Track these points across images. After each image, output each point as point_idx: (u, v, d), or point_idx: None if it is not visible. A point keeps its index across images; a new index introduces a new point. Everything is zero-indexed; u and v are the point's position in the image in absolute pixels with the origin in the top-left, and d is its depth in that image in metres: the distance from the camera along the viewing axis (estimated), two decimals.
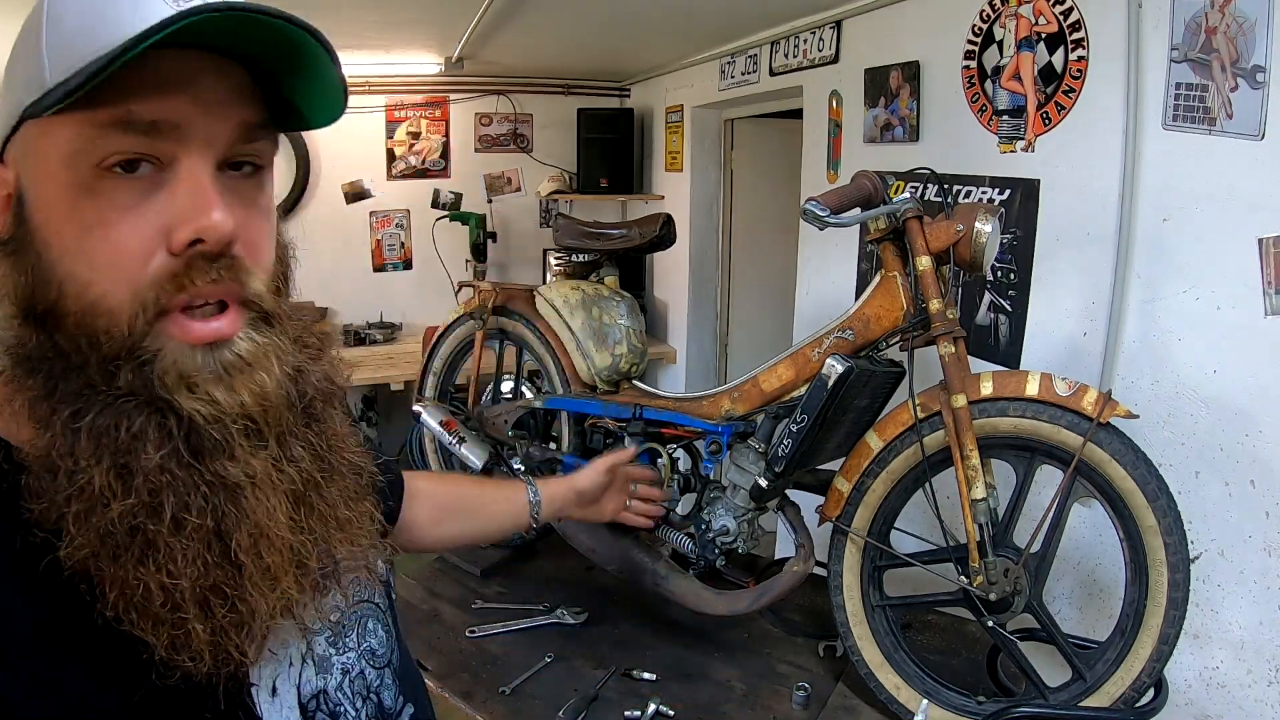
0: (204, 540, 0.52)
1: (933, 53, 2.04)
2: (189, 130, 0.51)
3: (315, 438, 0.60)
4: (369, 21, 2.66)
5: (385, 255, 3.98)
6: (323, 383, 0.62)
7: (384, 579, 0.74)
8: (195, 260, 0.52)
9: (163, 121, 0.50)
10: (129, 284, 0.51)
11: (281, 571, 0.55)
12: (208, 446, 0.52)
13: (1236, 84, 1.37)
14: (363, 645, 0.69)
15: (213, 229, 0.51)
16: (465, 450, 1.94)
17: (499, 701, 1.43)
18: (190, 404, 0.52)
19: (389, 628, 0.73)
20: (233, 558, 0.53)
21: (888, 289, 1.46)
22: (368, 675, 0.68)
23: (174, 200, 0.51)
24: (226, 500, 0.53)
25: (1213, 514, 1.48)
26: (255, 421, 0.54)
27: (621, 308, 1.92)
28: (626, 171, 3.93)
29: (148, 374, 0.51)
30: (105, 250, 0.51)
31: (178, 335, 0.52)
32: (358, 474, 0.65)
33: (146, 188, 0.51)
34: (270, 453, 0.56)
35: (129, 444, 0.51)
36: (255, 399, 0.54)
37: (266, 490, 0.55)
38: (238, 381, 0.53)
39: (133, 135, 0.50)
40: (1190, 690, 1.52)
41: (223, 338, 0.53)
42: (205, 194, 0.51)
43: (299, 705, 0.61)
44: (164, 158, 0.51)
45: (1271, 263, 1.36)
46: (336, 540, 0.61)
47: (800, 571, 1.52)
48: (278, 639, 0.60)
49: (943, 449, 1.41)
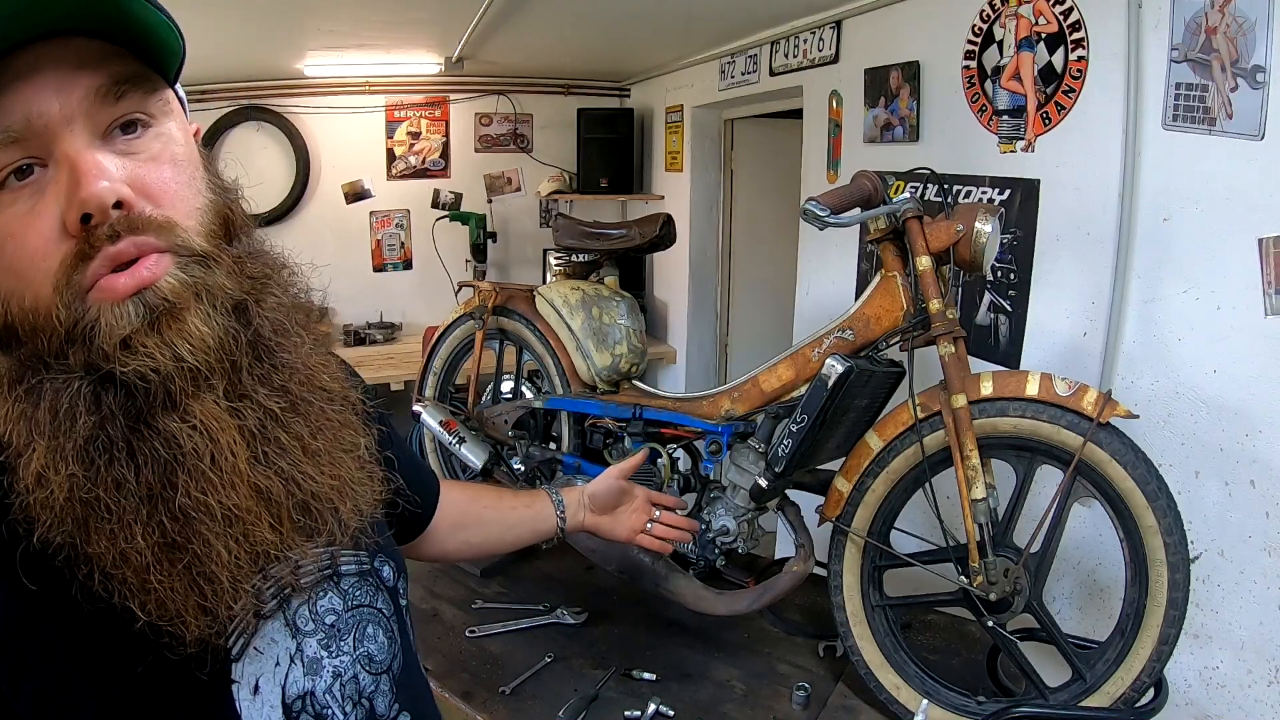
0: (150, 498, 0.53)
1: (933, 53, 2.04)
2: (45, 119, 0.52)
3: (272, 370, 0.59)
4: (369, 21, 2.67)
5: (385, 255, 3.98)
6: (275, 313, 0.61)
7: (390, 585, 0.74)
8: (94, 231, 0.53)
9: (15, 124, 0.51)
10: (47, 278, 0.53)
11: (244, 513, 0.55)
12: (148, 403, 0.53)
13: (1236, 84, 1.37)
14: (359, 650, 0.68)
15: (93, 199, 0.52)
16: (465, 450, 1.94)
17: (499, 701, 1.43)
18: (131, 363, 0.52)
19: (392, 635, 0.72)
20: (181, 511, 0.53)
21: (888, 289, 1.46)
22: (361, 680, 0.67)
23: (60, 189, 0.53)
24: (167, 454, 0.53)
25: (1213, 514, 1.48)
26: (195, 365, 0.54)
27: (621, 308, 1.92)
28: (626, 171, 3.93)
29: (93, 346, 0.53)
30: (19, 258, 0.53)
31: (105, 296, 0.53)
32: (336, 402, 0.64)
33: (37, 187, 0.53)
34: (219, 391, 0.55)
35: (63, 420, 0.52)
36: (187, 342, 0.54)
37: (215, 433, 0.54)
38: (170, 331, 0.54)
39: (3, 149, 0.51)
40: (1190, 690, 1.52)
41: (145, 284, 0.54)
42: (77, 170, 0.52)
43: (282, 705, 0.61)
44: (43, 154, 0.53)
45: (1271, 263, 1.36)
46: (308, 473, 0.59)
47: (800, 571, 1.52)
48: (264, 639, 0.60)
49: (943, 449, 1.41)
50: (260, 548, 0.56)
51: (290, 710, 0.61)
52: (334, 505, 0.62)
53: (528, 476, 1.90)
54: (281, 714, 0.61)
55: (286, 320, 0.62)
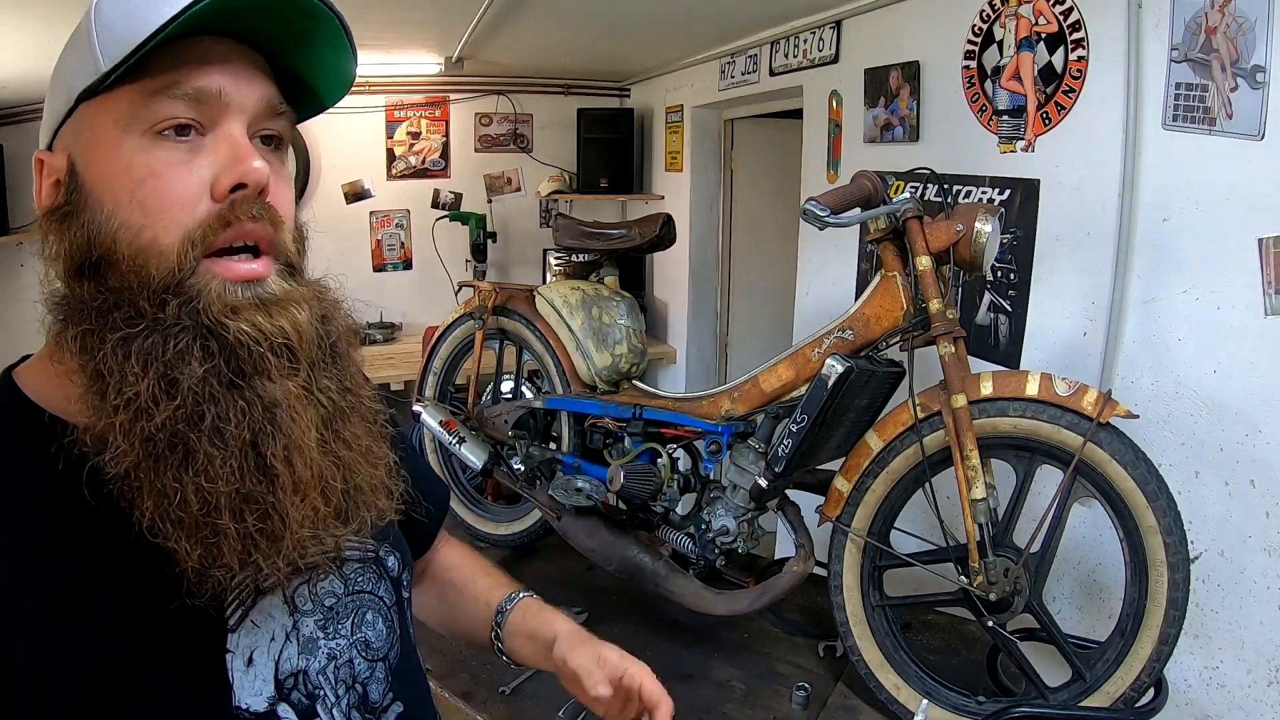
0: (241, 450, 0.56)
1: (933, 53, 2.04)
2: (226, 98, 0.59)
3: (340, 374, 0.66)
4: (369, 21, 2.66)
5: (385, 255, 3.98)
6: (345, 329, 0.68)
7: (394, 575, 0.75)
8: (238, 204, 0.59)
9: (204, 89, 0.58)
10: (179, 226, 0.57)
11: (310, 487, 0.60)
12: (247, 368, 0.58)
13: (1236, 84, 1.37)
14: (356, 635, 0.69)
15: (252, 173, 0.59)
16: (465, 450, 1.94)
17: (499, 701, 1.43)
18: (236, 325, 0.57)
19: (391, 624, 0.73)
20: (267, 468, 0.57)
21: (888, 289, 1.46)
22: (356, 665, 0.69)
23: (216, 157, 0.59)
24: (263, 415, 0.58)
25: (1213, 514, 1.48)
26: (291, 348, 0.60)
27: (621, 308, 1.92)
28: (626, 171, 3.92)
29: (194, 306, 0.57)
30: (156, 198, 0.57)
31: (220, 273, 0.58)
32: (374, 418, 0.70)
33: (192, 148, 0.59)
34: (302, 378, 0.61)
35: (174, 359, 0.56)
36: (292, 325, 0.60)
37: (299, 410, 0.60)
38: (274, 311, 0.59)
39: (179, 101, 0.57)
40: (1190, 690, 1.52)
41: (258, 277, 0.60)
42: (243, 147, 0.59)
43: (275, 680, 0.63)
44: (206, 123, 0.59)
45: (1271, 263, 1.36)
46: (359, 466, 0.65)
47: (800, 571, 1.52)
48: (262, 613, 0.62)
49: (943, 449, 1.41)
50: (313, 517, 0.60)
51: (282, 686, 0.63)
52: (370, 500, 0.67)
53: (528, 476, 1.90)
54: (273, 689, 0.62)
55: (350, 338, 0.69)
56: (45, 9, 1.93)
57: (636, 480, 1.64)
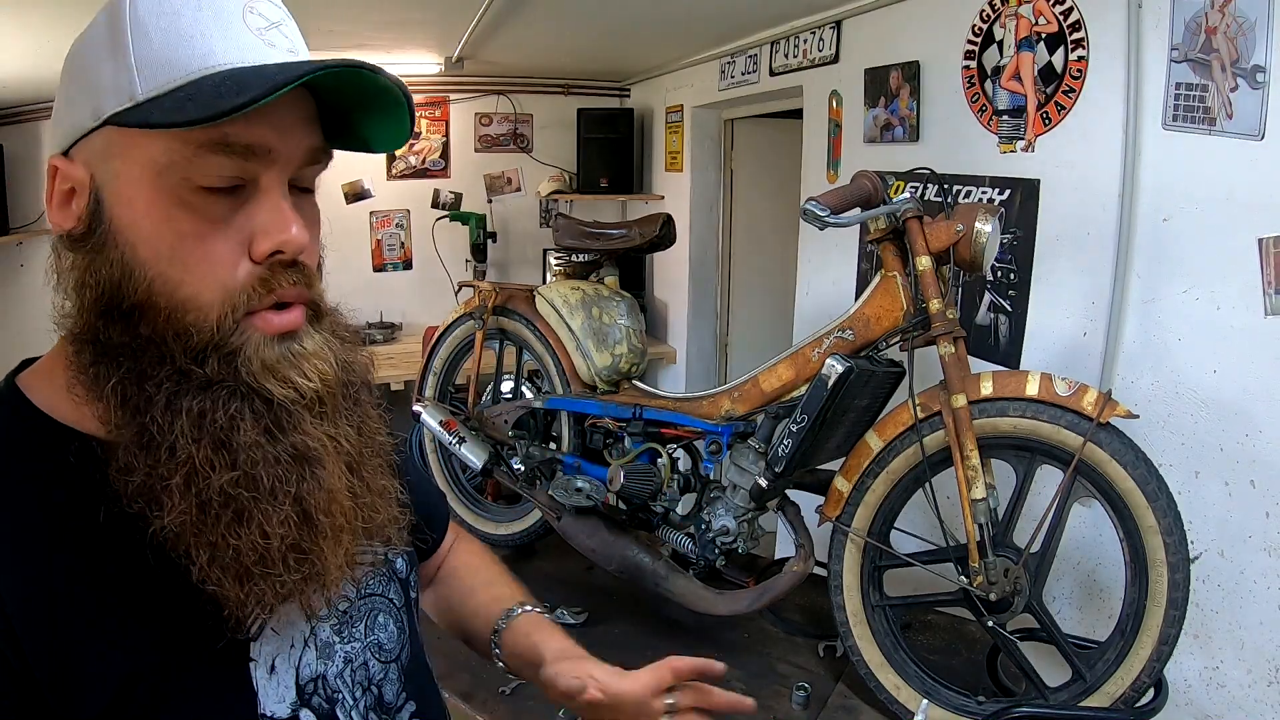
0: (291, 504, 0.59)
1: (933, 53, 2.04)
2: (273, 154, 0.57)
3: (359, 418, 0.67)
4: (369, 21, 2.66)
5: (385, 255, 3.98)
6: (361, 371, 0.69)
7: (403, 577, 0.76)
8: (276, 267, 0.59)
9: (255, 146, 0.56)
10: (220, 287, 0.57)
11: (345, 531, 0.63)
12: (286, 424, 0.59)
13: (1236, 84, 1.37)
14: (369, 638, 0.70)
15: (292, 241, 0.58)
16: (465, 450, 1.94)
17: (499, 702, 1.43)
18: (277, 389, 0.58)
19: (402, 625, 0.74)
20: (311, 519, 0.60)
21: (888, 289, 1.46)
22: (371, 667, 0.70)
23: (257, 215, 0.58)
24: (306, 469, 0.60)
25: (1213, 514, 1.48)
26: (322, 401, 0.61)
27: (621, 308, 1.92)
28: (626, 171, 3.92)
29: (234, 363, 0.57)
30: (198, 257, 0.57)
31: (260, 327, 0.59)
32: (386, 454, 0.72)
33: (235, 203, 0.57)
34: (329, 428, 0.62)
35: (227, 424, 0.57)
36: (322, 382, 0.61)
37: (331, 459, 0.62)
38: (308, 367, 0.60)
39: (226, 157, 0.55)
40: (1190, 690, 1.52)
41: (294, 328, 0.61)
42: (285, 211, 0.58)
43: (296, 686, 0.64)
44: (249, 177, 0.57)
45: (1271, 263, 1.36)
46: (378, 505, 0.68)
47: (800, 571, 1.52)
48: (282, 620, 0.63)
49: (943, 449, 1.41)
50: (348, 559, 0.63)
51: (304, 692, 0.64)
52: (385, 535, 0.70)
53: (528, 476, 1.90)
54: (295, 694, 0.64)
55: (366, 379, 0.70)
56: (47, 9, 1.93)
57: (636, 480, 1.64)
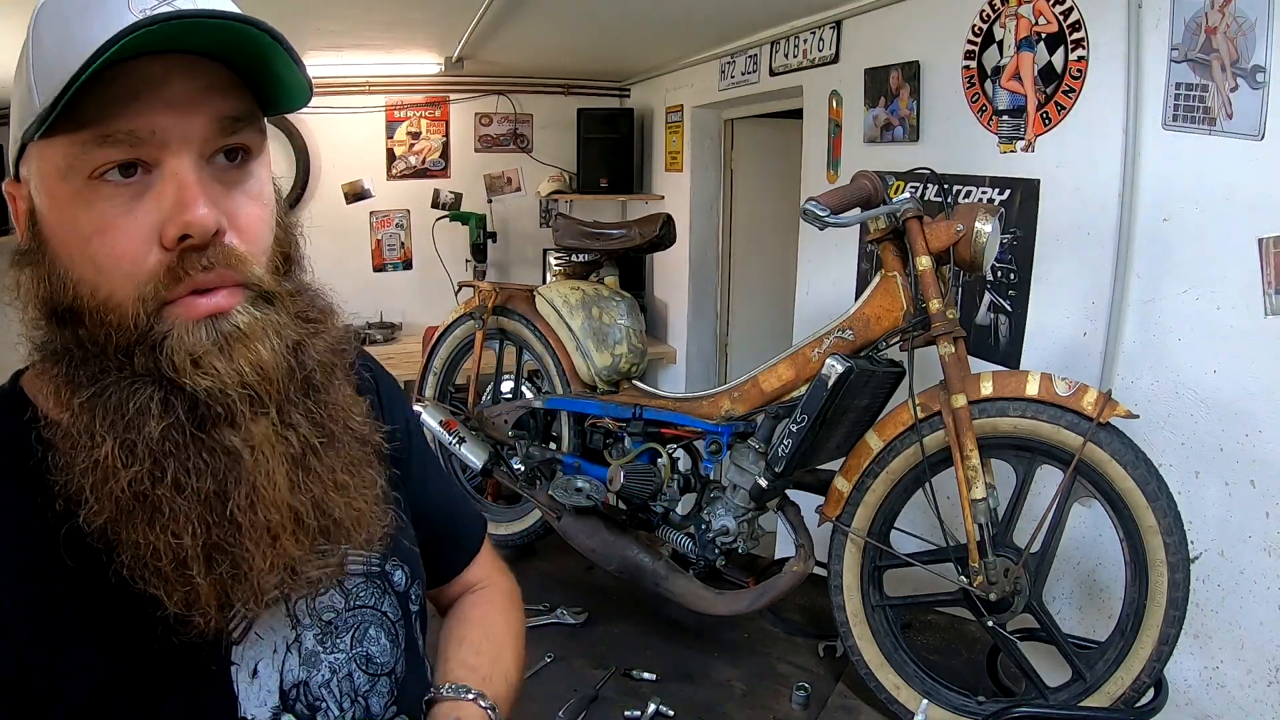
0: (204, 502, 0.56)
1: (933, 53, 2.04)
2: (165, 133, 0.54)
3: (315, 407, 0.63)
4: (369, 21, 2.66)
5: (385, 255, 3.98)
6: (324, 355, 0.65)
7: (400, 590, 0.74)
8: (187, 253, 0.55)
9: (138, 129, 0.53)
10: (130, 281, 0.55)
11: (280, 529, 0.59)
12: (210, 416, 0.57)
13: (1236, 84, 1.37)
14: (356, 650, 0.69)
15: (197, 223, 0.55)
16: (465, 450, 1.94)
17: None
18: (196, 380, 0.55)
19: (396, 639, 0.72)
20: (231, 517, 0.57)
21: (888, 289, 1.46)
22: (356, 679, 0.68)
23: (162, 199, 0.55)
24: (226, 465, 0.57)
25: (1213, 514, 1.48)
26: (255, 390, 0.58)
27: (621, 308, 1.92)
28: (626, 171, 3.92)
29: (159, 355, 0.56)
30: (105, 254, 0.55)
31: (182, 314, 0.56)
32: (361, 442, 0.68)
33: (137, 190, 0.55)
34: (270, 419, 0.59)
35: (135, 418, 0.55)
36: (253, 369, 0.57)
37: (265, 454, 0.58)
38: (236, 352, 0.57)
39: (113, 147, 0.53)
40: (1190, 690, 1.52)
41: (221, 311, 0.57)
42: (187, 191, 0.55)
43: (279, 691, 0.63)
44: (149, 160, 0.55)
45: (1271, 263, 1.36)
46: (334, 501, 0.64)
47: (800, 571, 1.52)
48: (265, 625, 0.63)
49: (943, 449, 1.41)
50: (285, 560, 0.60)
51: (287, 697, 0.63)
52: (349, 532, 0.65)
53: (528, 476, 1.90)
54: (278, 699, 0.63)
55: (331, 363, 0.66)
56: None
57: (636, 480, 1.64)
